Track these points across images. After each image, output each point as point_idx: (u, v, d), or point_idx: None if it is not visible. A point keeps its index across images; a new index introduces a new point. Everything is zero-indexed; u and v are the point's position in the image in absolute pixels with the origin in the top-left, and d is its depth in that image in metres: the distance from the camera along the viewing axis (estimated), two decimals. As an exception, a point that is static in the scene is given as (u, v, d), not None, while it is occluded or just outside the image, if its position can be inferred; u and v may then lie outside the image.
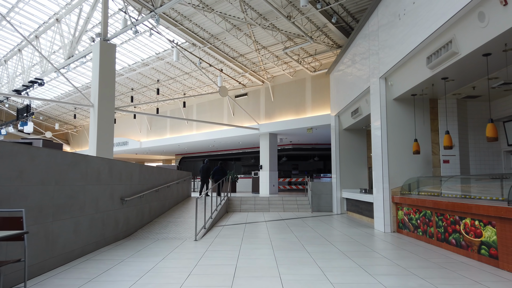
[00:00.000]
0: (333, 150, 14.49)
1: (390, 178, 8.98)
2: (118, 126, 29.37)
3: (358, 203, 12.31)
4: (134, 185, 8.52)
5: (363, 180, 14.07)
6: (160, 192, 10.73)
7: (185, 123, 23.85)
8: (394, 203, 8.94)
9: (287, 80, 18.27)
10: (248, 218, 12.17)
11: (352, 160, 14.14)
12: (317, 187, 14.74)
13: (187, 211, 11.62)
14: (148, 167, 9.74)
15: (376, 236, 8.34)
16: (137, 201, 8.68)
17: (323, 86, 16.72)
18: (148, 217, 9.56)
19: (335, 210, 14.16)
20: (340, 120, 14.28)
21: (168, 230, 8.72)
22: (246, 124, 19.62)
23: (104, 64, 13.06)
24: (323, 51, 15.55)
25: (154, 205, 10.14)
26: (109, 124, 13.12)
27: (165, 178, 11.52)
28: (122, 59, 19.50)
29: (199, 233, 8.25)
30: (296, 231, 9.00)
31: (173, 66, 19.47)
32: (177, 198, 13.17)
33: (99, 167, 6.72)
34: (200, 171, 16.54)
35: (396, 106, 9.18)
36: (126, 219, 8.01)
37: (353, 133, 14.23)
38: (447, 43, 6.36)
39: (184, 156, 32.22)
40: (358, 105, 11.68)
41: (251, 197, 15.58)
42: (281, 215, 12.99)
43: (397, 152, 9.06)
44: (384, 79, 9.22)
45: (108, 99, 13.14)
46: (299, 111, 17.65)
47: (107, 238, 7.03)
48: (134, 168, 8.54)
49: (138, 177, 8.85)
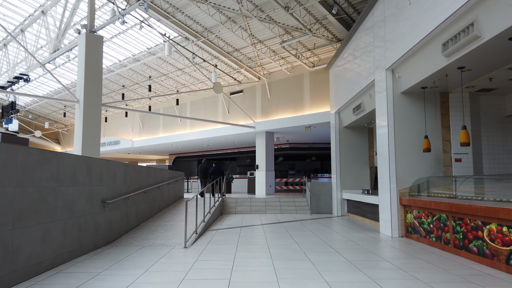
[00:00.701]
0: (333, 149, 13.78)
1: (398, 178, 8.27)
2: (110, 125, 28.50)
3: (360, 204, 11.60)
4: (118, 186, 7.74)
5: (365, 180, 13.37)
6: (148, 194, 9.96)
7: (179, 121, 23.05)
8: (402, 205, 8.23)
9: (284, 76, 17.54)
10: (243, 220, 11.42)
11: (353, 159, 13.43)
12: (316, 187, 14.02)
13: (179, 214, 10.85)
14: (134, 166, 8.96)
15: (384, 241, 7.62)
16: (121, 203, 7.90)
17: (322, 82, 16.01)
18: (134, 221, 8.78)
19: (335, 212, 13.44)
20: (341, 118, 13.57)
21: (156, 236, 7.94)
22: (242, 122, 18.87)
23: (90, 57, 12.27)
24: (322, 45, 14.83)
25: (141, 208, 9.36)
26: (96, 121, 12.31)
27: (155, 178, 10.74)
28: (113, 54, 18.68)
29: (189, 239, 7.48)
30: (296, 236, 8.26)
31: (166, 61, 18.68)
32: (168, 200, 12.39)
33: (75, 166, 5.94)
34: (198, 171, 15.97)
35: (404, 100, 8.47)
36: (109, 224, 7.23)
37: (354, 131, 13.53)
38: (467, 27, 5.65)
39: (178, 156, 31.40)
40: (360, 100, 10.98)
41: (246, 198, 14.83)
42: (278, 218, 12.26)
43: (405, 150, 8.35)
44: (391, 71, 8.52)
45: (94, 95, 12.35)
46: (296, 108, 16.93)
47: (85, 246, 6.25)
48: (118, 168, 7.77)
49: (123, 177, 8.07)
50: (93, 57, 12.30)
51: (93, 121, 12.21)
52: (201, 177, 15.98)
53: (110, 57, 19.04)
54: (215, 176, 15.66)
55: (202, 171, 15.93)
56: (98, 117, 12.44)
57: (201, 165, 16.09)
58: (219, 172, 15.96)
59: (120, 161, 8.02)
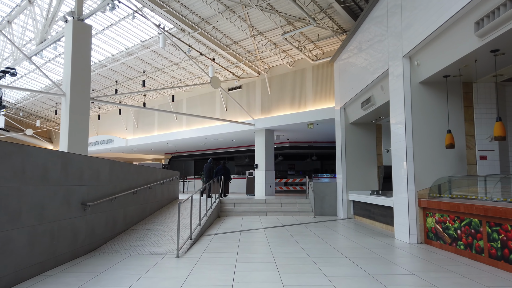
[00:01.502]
0: (338, 147, 12.91)
1: (416, 178, 7.41)
2: (103, 122, 27.55)
3: (369, 206, 10.74)
4: (102, 186, 6.84)
5: (372, 180, 12.50)
6: (139, 195, 9.05)
7: (174, 119, 22.13)
8: (421, 208, 7.37)
9: (285, 71, 16.66)
10: (243, 224, 10.54)
11: (360, 158, 12.56)
12: (319, 188, 13.15)
13: (172, 217, 9.95)
14: (122, 164, 8.06)
15: (402, 249, 6.75)
16: (106, 205, 7.00)
17: (326, 77, 15.15)
18: (122, 225, 7.87)
19: (340, 214, 12.58)
20: (346, 113, 12.71)
21: (145, 242, 7.04)
22: (241, 119, 17.97)
23: (77, 47, 11.37)
24: (327, 36, 13.97)
25: (130, 210, 8.45)
26: (83, 116, 11.41)
27: (146, 177, 9.84)
28: (105, 47, 17.75)
29: (182, 247, 6.59)
30: (303, 242, 7.38)
31: (160, 55, 17.77)
32: (161, 201, 11.49)
33: (46, 162, 5.03)
34: (204, 171, 15.31)
35: (422, 91, 7.61)
36: (90, 229, 6.32)
37: (361, 128, 12.66)
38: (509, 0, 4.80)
39: (174, 155, 30.48)
40: (370, 93, 10.12)
41: (246, 199, 13.94)
42: (280, 221, 11.38)
43: (424, 146, 7.49)
44: (408, 58, 7.66)
45: (82, 88, 11.44)
46: (298, 104, 16.06)
47: (60, 256, 5.34)
48: (102, 165, 6.87)
49: (109, 176, 7.17)
50: (80, 47, 11.40)
51: (81, 116, 11.32)
52: (206, 177, 15.34)
53: (102, 50, 18.11)
54: (222, 175, 15.00)
55: (208, 171, 15.20)
56: (87, 112, 11.54)
57: (206, 164, 15.42)
58: (226, 172, 15.21)
59: (105, 158, 7.12)
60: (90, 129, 28.70)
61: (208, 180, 15.21)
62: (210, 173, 15.31)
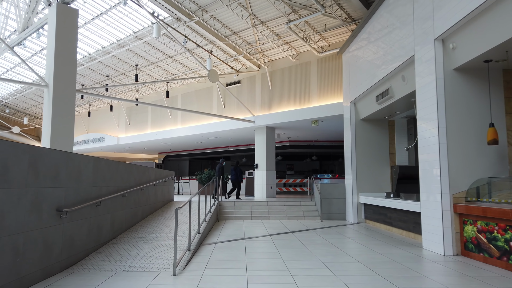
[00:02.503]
0: (347, 146, 11.90)
1: (451, 179, 6.41)
2: (93, 120, 26.33)
3: (384, 210, 9.74)
4: (84, 188, 5.74)
5: (385, 181, 11.51)
6: (129, 197, 7.96)
7: (169, 116, 20.99)
8: (457, 214, 6.36)
9: (288, 64, 15.63)
10: (245, 229, 9.47)
11: (371, 157, 11.56)
12: (327, 190, 12.13)
13: (167, 222, 8.86)
14: (109, 162, 6.96)
15: (440, 263, 5.74)
16: (89, 211, 5.90)
17: (332, 70, 14.14)
18: (109, 233, 6.77)
19: (349, 219, 11.56)
20: (357, 109, 11.70)
21: (136, 254, 5.95)
22: (239, 116, 16.89)
23: (62, 34, 10.27)
24: (335, 26, 12.94)
25: (119, 216, 7.35)
26: (69, 109, 10.31)
27: (138, 178, 8.74)
28: (94, 38, 16.57)
29: (180, 261, 5.50)
30: (320, 254, 6.34)
31: (154, 47, 16.64)
32: (154, 204, 10.39)
33: (6, 158, 3.94)
34: (216, 172, 14.34)
35: (458, 79, 6.61)
36: (69, 241, 5.22)
37: (373, 125, 11.67)
38: None
39: (168, 154, 29.31)
40: (387, 85, 9.11)
41: (246, 202, 12.88)
42: (286, 225, 10.34)
43: (459, 143, 6.50)
44: (441, 41, 6.65)
45: (67, 78, 10.35)
46: (302, 100, 15.03)
47: (27, 276, 4.24)
48: (84, 163, 5.77)
49: (93, 176, 6.07)
50: (65, 33, 10.30)
51: (65, 108, 10.21)
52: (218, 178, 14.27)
53: (92, 42, 16.94)
54: (234, 176, 14.16)
55: (219, 171, 14.25)
56: (71, 105, 10.42)
57: (218, 165, 14.40)
58: (238, 172, 14.30)
59: (88, 155, 6.03)
60: (80, 127, 27.49)
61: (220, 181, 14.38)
62: (221, 173, 14.31)
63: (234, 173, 14.29)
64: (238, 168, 14.41)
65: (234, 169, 14.35)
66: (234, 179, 14.25)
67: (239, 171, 14.36)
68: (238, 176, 14.23)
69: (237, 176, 14.23)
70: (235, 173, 14.28)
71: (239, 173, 14.34)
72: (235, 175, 14.26)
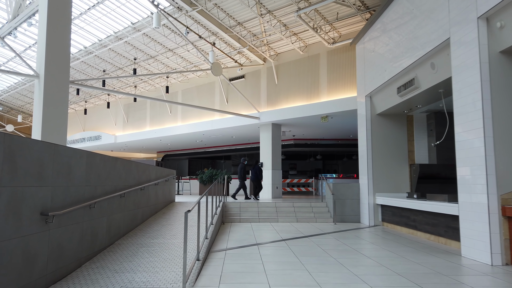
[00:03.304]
0: (362, 142, 11.07)
1: (498, 179, 5.58)
2: (89, 117, 25.42)
3: (407, 212, 8.92)
4: (76, 187, 4.89)
5: (403, 181, 10.69)
6: (128, 198, 7.10)
7: (168, 113, 20.11)
8: (506, 217, 5.54)
9: (295, 57, 14.79)
10: (255, 233, 8.63)
11: (389, 155, 10.74)
12: (340, 190, 11.30)
13: (170, 226, 8.01)
14: (106, 157, 6.10)
15: (490, 274, 4.92)
16: (82, 214, 5.04)
17: (343, 63, 13.32)
18: (104, 239, 5.91)
19: (365, 221, 10.74)
20: (373, 103, 10.87)
21: (136, 265, 5.09)
22: (243, 113, 16.04)
23: (54, 20, 9.39)
24: (348, 15, 12.11)
25: (116, 219, 6.49)
26: (61, 101, 9.44)
27: (137, 176, 7.88)
28: (90, 30, 15.68)
29: (190, 275, 4.65)
30: (349, 264, 5.50)
31: (153, 40, 15.77)
32: (155, 206, 9.53)
33: (-27, 148, 3.09)
34: (239, 172, 13.74)
35: (505, 62, 5.79)
36: (56, 250, 4.37)
37: (390, 120, 10.85)
38: None
39: (167, 153, 28.42)
40: (412, 75, 8.29)
41: (252, 203, 12.03)
42: (298, 229, 9.50)
43: (509, 136, 5.68)
44: (485, 20, 5.83)
45: (60, 68, 9.48)
46: (311, 95, 14.20)
47: (1, 297, 3.39)
48: (76, 158, 4.91)
49: (86, 174, 5.21)
50: (58, 19, 9.42)
51: (58, 102, 9.34)
52: (240, 178, 13.72)
53: (88, 34, 16.05)
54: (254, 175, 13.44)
55: (241, 171, 13.67)
56: (65, 96, 9.56)
57: (240, 165, 13.81)
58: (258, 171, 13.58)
59: (80, 149, 5.17)
60: (75, 125, 26.56)
61: (242, 181, 13.69)
62: (243, 173, 13.70)
63: (253, 172, 13.59)
64: (257, 167, 13.68)
65: (253, 168, 13.67)
66: (254, 178, 13.54)
67: (258, 170, 13.62)
68: (258, 176, 13.51)
69: (256, 175, 13.51)
70: (254, 172, 13.57)
71: (259, 172, 13.61)
72: (254, 175, 13.55)
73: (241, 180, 13.64)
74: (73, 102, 25.04)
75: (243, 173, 13.66)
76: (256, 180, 13.55)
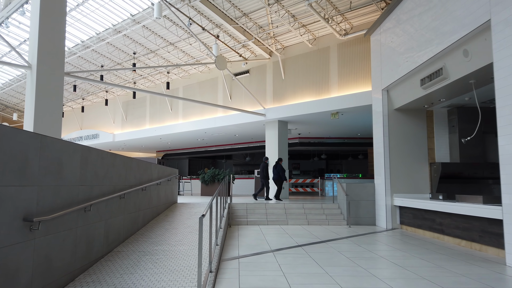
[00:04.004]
0: (378, 140, 10.36)
1: (554, 177, 4.88)
2: (87, 115, 24.65)
3: (432, 215, 8.21)
4: (68, 188, 4.15)
5: (423, 180, 9.98)
6: (128, 200, 6.36)
7: (169, 110, 19.36)
8: None
9: (303, 51, 14.07)
10: (267, 237, 7.89)
11: (407, 153, 10.04)
12: (354, 191, 10.58)
13: (174, 230, 7.27)
14: (104, 154, 5.36)
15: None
16: (75, 219, 4.31)
17: (356, 56, 12.61)
18: (102, 246, 5.17)
19: (381, 224, 10.02)
20: (390, 97, 10.16)
21: (139, 278, 4.35)
22: (248, 110, 15.30)
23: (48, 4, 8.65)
24: (363, 3, 11.38)
25: (115, 223, 5.75)
26: (56, 93, 8.73)
27: (139, 175, 7.14)
28: (87, 22, 14.92)
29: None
30: (384, 276, 4.78)
31: (154, 33, 15.02)
32: (157, 207, 8.79)
33: None
34: (261, 171, 13.09)
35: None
36: (44, 263, 3.63)
37: (408, 116, 10.14)
38: None
39: (167, 153, 27.67)
40: (440, 64, 7.57)
41: (260, 204, 11.31)
42: (312, 232, 8.78)
43: None
44: (537, -3, 5.12)
45: (54, 58, 8.75)
46: (320, 90, 13.48)
47: (-32, 328, 2.65)
48: (68, 153, 4.17)
49: (80, 171, 4.48)
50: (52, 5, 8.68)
51: (52, 95, 8.61)
52: (263, 177, 13.05)
53: (85, 27, 15.29)
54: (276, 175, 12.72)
55: (265, 171, 13.01)
56: (59, 90, 8.82)
57: (262, 164, 13.14)
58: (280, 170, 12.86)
59: (74, 142, 4.43)
60: (73, 123, 25.77)
61: (265, 181, 12.93)
62: (266, 172, 12.99)
63: (275, 172, 12.85)
64: (279, 166, 12.92)
65: (275, 167, 12.93)
66: (276, 178, 12.81)
67: (280, 169, 12.89)
68: (280, 175, 12.79)
69: (279, 175, 12.79)
70: (276, 172, 12.84)
71: (281, 171, 12.87)
72: (277, 174, 12.82)
73: (264, 180, 12.98)
74: (70, 100, 24.26)
75: (266, 173, 12.99)
76: (279, 181, 12.85)
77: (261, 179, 13.04)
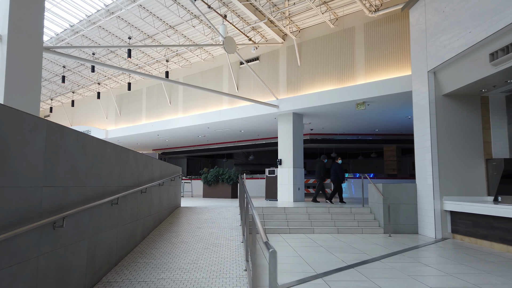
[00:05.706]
0: (422, 133, 8.70)
1: None
2: (77, 110, 22.77)
3: (499, 223, 6.54)
4: (20, 190, 2.39)
5: (478, 180, 8.32)
6: (123, 206, 4.60)
7: (168, 103, 17.57)
8: None
9: (323, 33, 12.36)
10: (300, 253, 6.17)
11: (459, 148, 8.37)
12: (392, 193, 8.91)
13: (184, 244, 5.52)
14: (88, 139, 3.60)
15: None
16: (33, 242, 2.55)
17: (386, 37, 10.93)
18: (84, 277, 3.41)
19: (427, 232, 8.34)
20: (438, 81, 8.48)
21: None
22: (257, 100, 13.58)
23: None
24: (399, -27, 9.73)
25: (104, 242, 3.99)
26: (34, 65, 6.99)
27: (137, 173, 5.38)
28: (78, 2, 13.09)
29: None
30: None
31: (152, 14, 13.23)
32: (159, 214, 7.03)
33: None
34: (317, 171, 12.28)
35: None
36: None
37: (460, 103, 8.49)
38: None
39: (164, 151, 25.86)
40: (523, 32, 5.91)
41: (278, 209, 9.60)
42: (350, 244, 7.08)
43: None
44: None
45: (29, 28, 7.03)
46: (343, 77, 11.79)
47: None
48: (22, 132, 2.41)
49: (43, 164, 2.72)
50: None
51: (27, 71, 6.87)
52: (318, 178, 12.28)
53: (74, 9, 13.46)
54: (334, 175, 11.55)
55: (319, 170, 12.14)
56: (37, 66, 7.06)
57: (319, 163, 12.21)
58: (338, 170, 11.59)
59: (36, 116, 2.68)
60: (62, 119, 23.85)
61: (321, 181, 12.07)
62: (322, 173, 12.03)
63: (333, 172, 11.50)
64: (337, 165, 11.51)
65: (332, 167, 11.66)
66: (335, 178, 11.48)
67: (339, 169, 11.48)
68: (338, 175, 11.44)
69: (337, 175, 11.42)
70: (334, 172, 11.48)
71: (340, 171, 11.48)
72: (335, 175, 11.45)
73: (320, 181, 11.94)
74: (59, 94, 22.36)
75: (323, 173, 11.94)
76: (337, 181, 11.48)
77: (317, 180, 12.09)
